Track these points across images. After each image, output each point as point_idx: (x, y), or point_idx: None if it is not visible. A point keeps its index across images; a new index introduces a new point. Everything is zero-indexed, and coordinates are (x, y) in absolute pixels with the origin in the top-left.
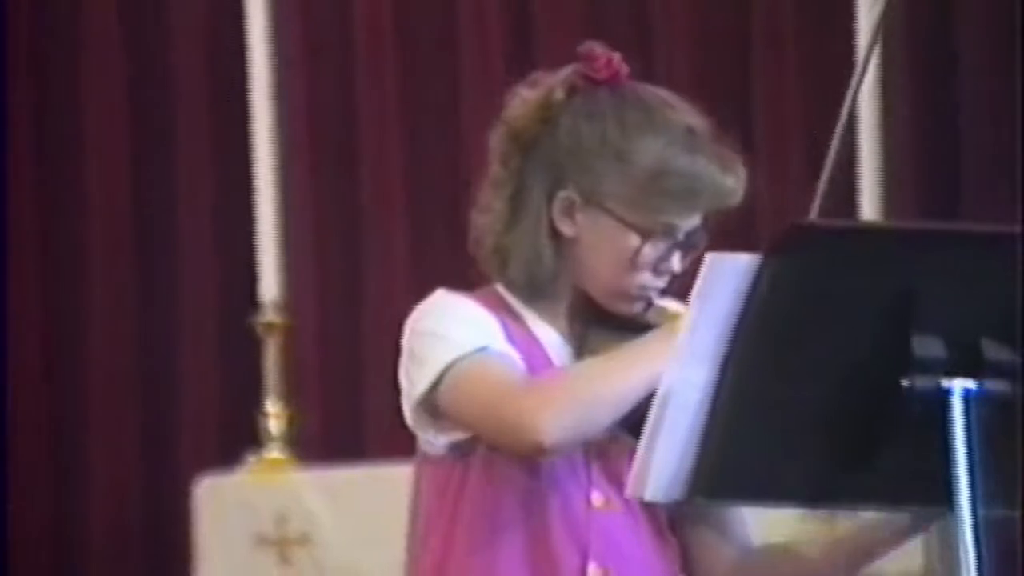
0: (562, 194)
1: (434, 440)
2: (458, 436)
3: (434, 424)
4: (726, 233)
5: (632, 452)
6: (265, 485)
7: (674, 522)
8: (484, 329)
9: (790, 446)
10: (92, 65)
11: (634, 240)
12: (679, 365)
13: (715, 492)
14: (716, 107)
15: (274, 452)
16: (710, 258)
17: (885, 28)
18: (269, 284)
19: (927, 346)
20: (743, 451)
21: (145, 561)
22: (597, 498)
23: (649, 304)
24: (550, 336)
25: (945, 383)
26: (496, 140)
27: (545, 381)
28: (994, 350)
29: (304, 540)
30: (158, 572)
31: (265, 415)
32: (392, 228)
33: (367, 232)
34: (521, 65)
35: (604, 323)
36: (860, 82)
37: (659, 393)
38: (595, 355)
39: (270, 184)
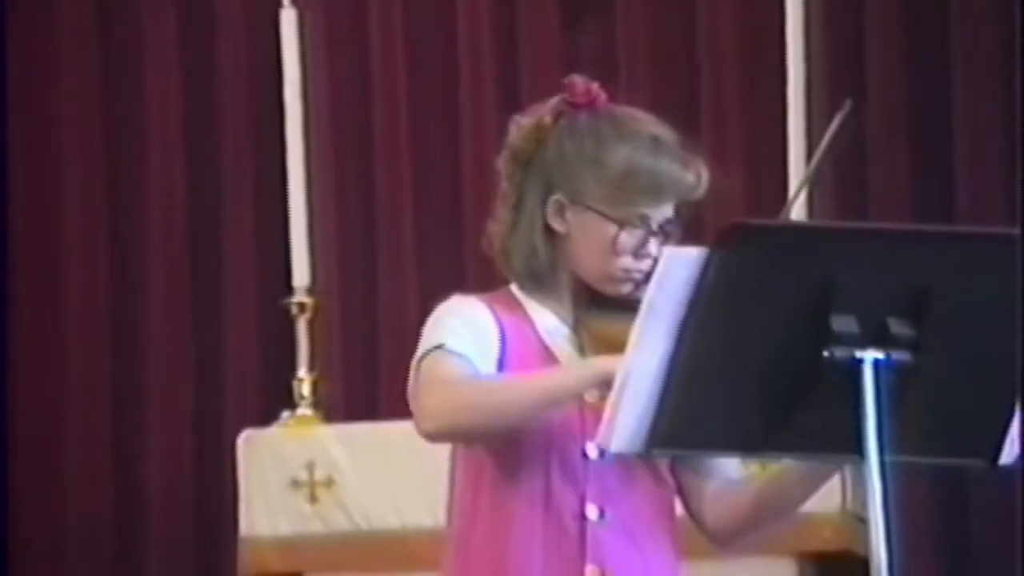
0: (553, 198)
1: None
2: None
3: None
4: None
5: None
6: (297, 438)
7: (673, 466)
8: (480, 336)
9: (732, 407)
10: (154, 91)
11: (612, 229)
12: (640, 338)
13: (669, 444)
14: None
15: (305, 411)
16: (666, 251)
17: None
18: (300, 271)
19: (843, 323)
20: (693, 411)
21: (196, 501)
22: (592, 449)
23: (638, 286)
24: (548, 322)
25: (858, 354)
26: (502, 162)
27: (453, 383)
28: (898, 326)
29: (329, 483)
30: (208, 511)
31: (298, 380)
32: (402, 225)
33: (381, 227)
34: (509, 93)
35: (599, 305)
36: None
37: (624, 361)
38: (593, 335)
39: (301, 188)
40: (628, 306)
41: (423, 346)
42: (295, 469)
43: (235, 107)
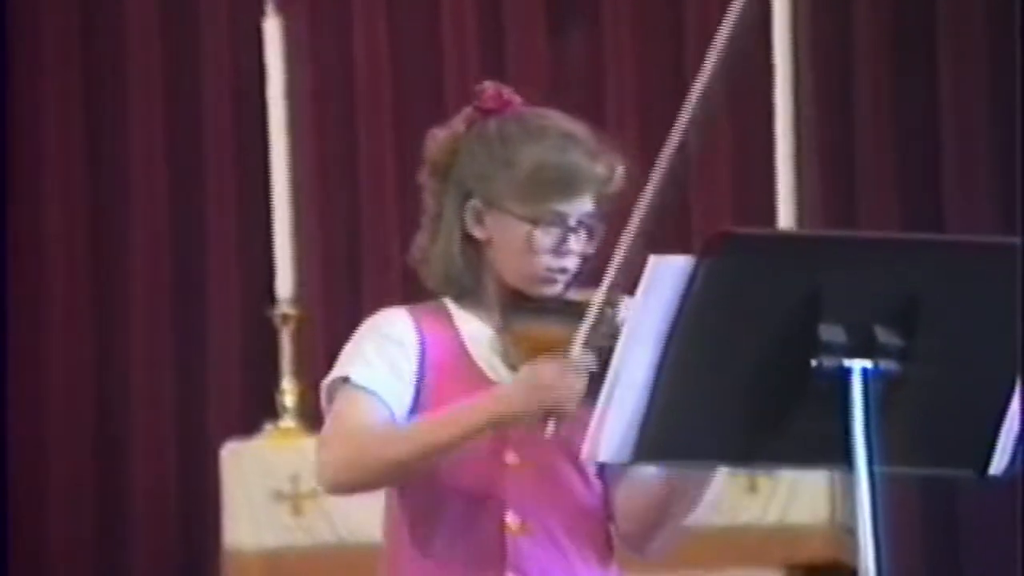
0: (470, 204)
1: None
2: None
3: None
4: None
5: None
6: (281, 449)
7: (600, 469)
8: (394, 366)
9: (719, 416)
10: (136, 97)
11: (527, 228)
12: (627, 347)
13: (656, 454)
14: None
15: (288, 422)
16: (653, 259)
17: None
18: (284, 282)
19: (831, 332)
20: (680, 420)
21: (180, 513)
22: (511, 458)
23: (567, 287)
24: (474, 329)
25: (846, 363)
26: (423, 176)
27: (353, 435)
28: (886, 336)
29: (314, 495)
30: (191, 523)
31: (281, 391)
32: (386, 238)
33: (365, 240)
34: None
35: (524, 308)
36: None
37: (611, 371)
38: (517, 337)
39: (285, 198)
40: (552, 307)
41: (346, 368)
42: (279, 481)
43: (219, 117)
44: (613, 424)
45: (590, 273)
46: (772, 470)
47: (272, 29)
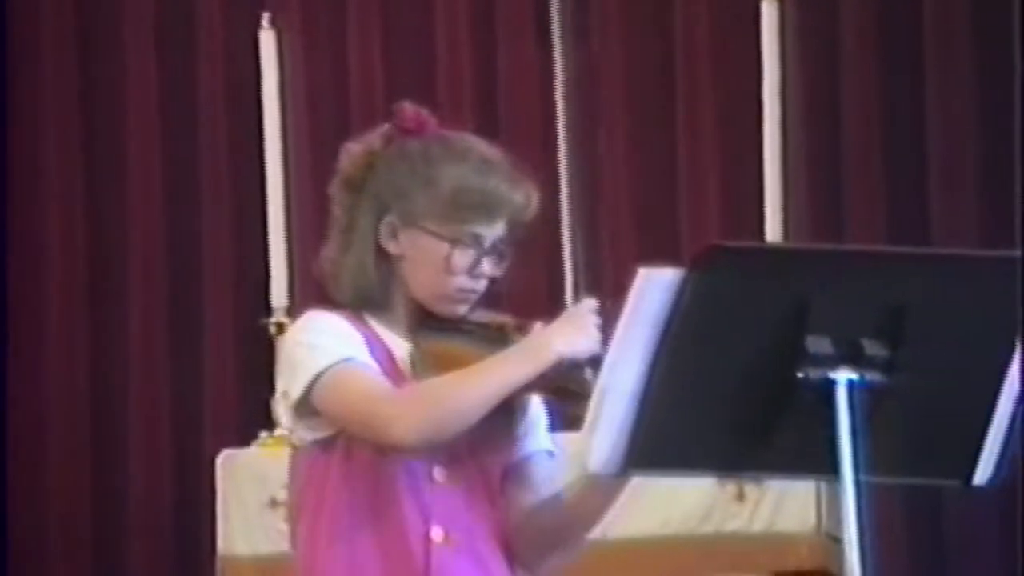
0: (386, 220)
1: (304, 435)
2: (323, 433)
3: (306, 423)
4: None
5: (469, 438)
6: (276, 457)
7: (503, 481)
8: (349, 341)
9: (707, 426)
10: (133, 111)
11: (445, 249)
12: (616, 359)
13: (645, 464)
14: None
15: (283, 430)
16: (642, 271)
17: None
18: (279, 292)
19: (818, 344)
20: (669, 431)
21: (175, 520)
22: (439, 473)
23: (474, 307)
24: (394, 339)
25: (832, 375)
26: (333, 189)
27: (407, 393)
28: (873, 347)
29: None
30: (186, 530)
31: (275, 400)
32: None
33: None
34: (488, 112)
35: (432, 326)
36: None
37: (599, 383)
38: (426, 353)
39: (280, 207)
40: (461, 326)
41: (319, 360)
42: (273, 489)
43: (214, 127)
44: (602, 435)
45: (490, 296)
46: (760, 479)
47: (267, 40)
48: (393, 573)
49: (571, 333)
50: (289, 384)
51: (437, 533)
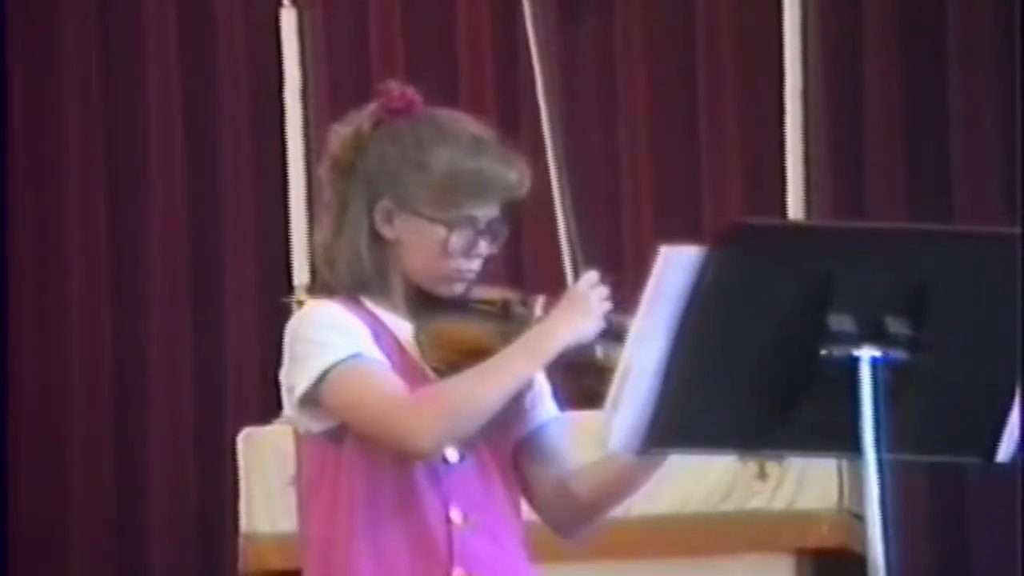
0: (380, 205)
1: (310, 426)
2: (329, 424)
3: (312, 414)
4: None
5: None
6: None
7: (516, 463)
8: (356, 334)
9: (729, 404)
10: (155, 90)
11: (442, 232)
12: (639, 337)
13: (667, 443)
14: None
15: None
16: (664, 250)
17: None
18: (300, 271)
19: (840, 322)
20: (691, 409)
21: (199, 497)
22: (452, 454)
23: (470, 286)
24: (396, 321)
25: (855, 352)
26: (323, 171)
27: (423, 397)
28: (896, 325)
29: None
30: (209, 506)
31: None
32: None
33: None
34: (509, 90)
35: (433, 306)
36: None
37: (622, 362)
38: (431, 333)
39: (301, 186)
40: (462, 305)
41: (327, 356)
42: (294, 466)
43: (235, 107)
44: (624, 413)
45: (485, 274)
46: (781, 457)
47: (288, 20)
48: (419, 559)
49: (574, 317)
50: (295, 378)
51: (456, 515)
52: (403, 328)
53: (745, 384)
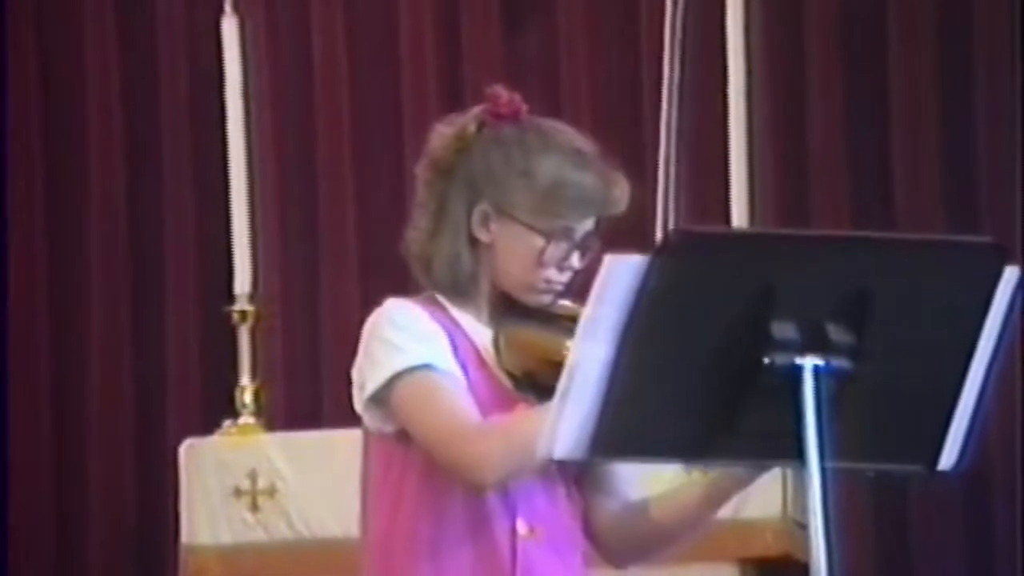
0: (478, 208)
1: (377, 426)
2: (397, 427)
3: (381, 414)
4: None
5: None
6: (239, 446)
7: (579, 483)
8: (432, 342)
9: (673, 413)
10: (93, 94)
11: (539, 241)
12: (582, 344)
13: (611, 451)
14: (612, 138)
15: (246, 419)
16: (609, 258)
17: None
18: (242, 279)
19: (783, 330)
20: (635, 417)
21: (138, 509)
22: None
23: (557, 297)
24: (474, 326)
25: (798, 360)
26: (421, 169)
27: (493, 429)
28: (838, 333)
29: (271, 492)
30: (149, 520)
31: (240, 388)
32: (344, 231)
33: (323, 234)
34: (452, 98)
35: (517, 313)
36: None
37: (566, 367)
38: (510, 340)
39: (243, 194)
40: (545, 314)
41: (396, 360)
42: (237, 478)
43: (176, 114)
44: (568, 420)
45: (571, 288)
46: (725, 466)
47: (229, 27)
48: (481, 568)
49: None
50: (366, 377)
51: (522, 526)
52: (482, 334)
53: (689, 392)
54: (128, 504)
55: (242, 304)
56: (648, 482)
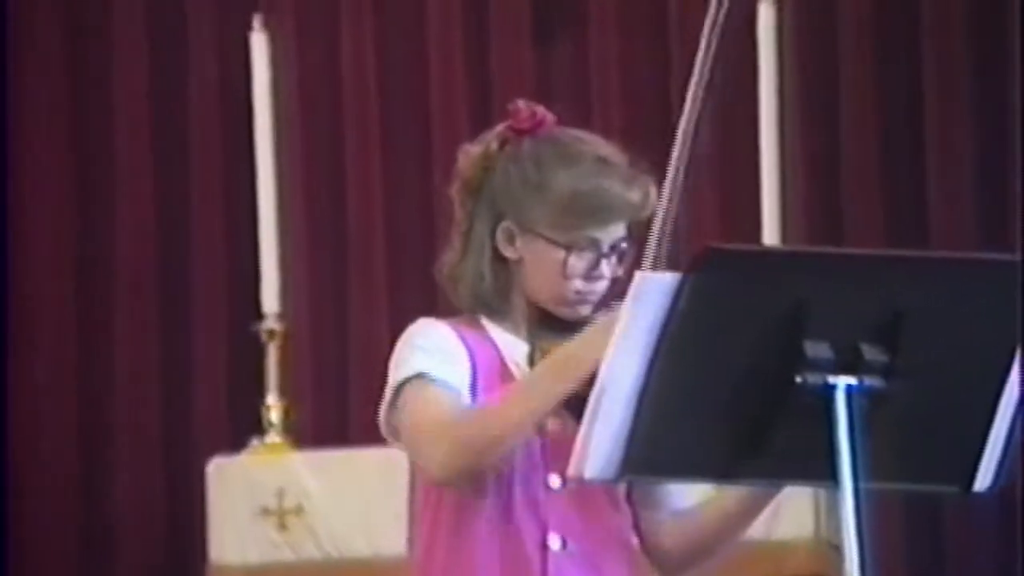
0: (502, 226)
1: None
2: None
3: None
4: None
5: None
6: (266, 465)
7: (628, 496)
8: (441, 356)
9: (704, 432)
10: (123, 110)
11: (561, 254)
12: (613, 363)
13: (642, 470)
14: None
15: (274, 437)
16: (639, 276)
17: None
18: (270, 298)
19: (816, 349)
20: (666, 436)
21: (166, 529)
22: (554, 480)
23: (596, 307)
24: (508, 343)
25: (831, 380)
26: (454, 191)
27: (445, 428)
28: (872, 352)
29: (299, 510)
30: (177, 539)
31: (267, 407)
32: (373, 249)
33: (352, 252)
34: (481, 112)
35: (554, 326)
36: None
37: (596, 386)
38: (542, 354)
39: (271, 213)
40: (580, 327)
41: (400, 372)
42: (265, 497)
43: (206, 131)
44: (599, 440)
45: (615, 295)
46: (757, 486)
47: (259, 43)
48: None
49: (606, 340)
50: (387, 390)
51: (554, 541)
52: (519, 350)
53: (720, 412)
54: (156, 523)
55: (270, 322)
56: (693, 490)
